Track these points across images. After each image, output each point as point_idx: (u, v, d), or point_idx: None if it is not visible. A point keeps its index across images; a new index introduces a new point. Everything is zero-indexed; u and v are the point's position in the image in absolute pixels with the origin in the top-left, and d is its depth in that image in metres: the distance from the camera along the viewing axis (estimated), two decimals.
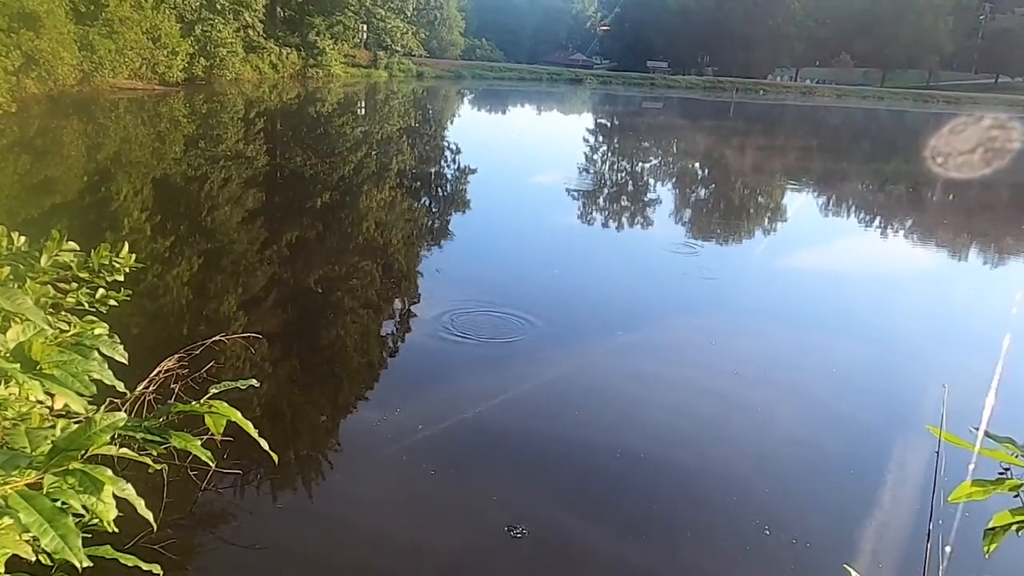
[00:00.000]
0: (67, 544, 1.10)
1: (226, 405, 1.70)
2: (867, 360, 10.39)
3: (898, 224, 22.08)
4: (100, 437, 1.26)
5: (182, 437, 1.62)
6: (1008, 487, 1.34)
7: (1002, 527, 1.37)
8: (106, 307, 3.07)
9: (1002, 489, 1.34)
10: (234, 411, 1.69)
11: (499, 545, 5.84)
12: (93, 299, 3.04)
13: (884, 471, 7.26)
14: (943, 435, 1.38)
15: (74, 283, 2.99)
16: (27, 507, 1.09)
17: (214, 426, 1.69)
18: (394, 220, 17.56)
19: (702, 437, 7.88)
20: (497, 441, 7.47)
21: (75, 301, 2.97)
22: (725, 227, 19.78)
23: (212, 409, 1.68)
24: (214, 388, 1.77)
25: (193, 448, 1.64)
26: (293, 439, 7.43)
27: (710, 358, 9.96)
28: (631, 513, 6.43)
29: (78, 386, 1.40)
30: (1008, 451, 1.34)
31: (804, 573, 5.69)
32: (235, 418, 1.69)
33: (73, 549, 1.10)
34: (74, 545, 1.10)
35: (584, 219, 19.54)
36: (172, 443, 1.60)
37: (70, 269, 2.96)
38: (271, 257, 13.50)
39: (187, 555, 5.34)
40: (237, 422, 1.70)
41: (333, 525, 6.09)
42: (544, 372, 8.91)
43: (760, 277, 14.99)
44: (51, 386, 1.36)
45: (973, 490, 1.36)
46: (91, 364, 1.47)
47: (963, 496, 1.40)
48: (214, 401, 1.69)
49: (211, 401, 1.69)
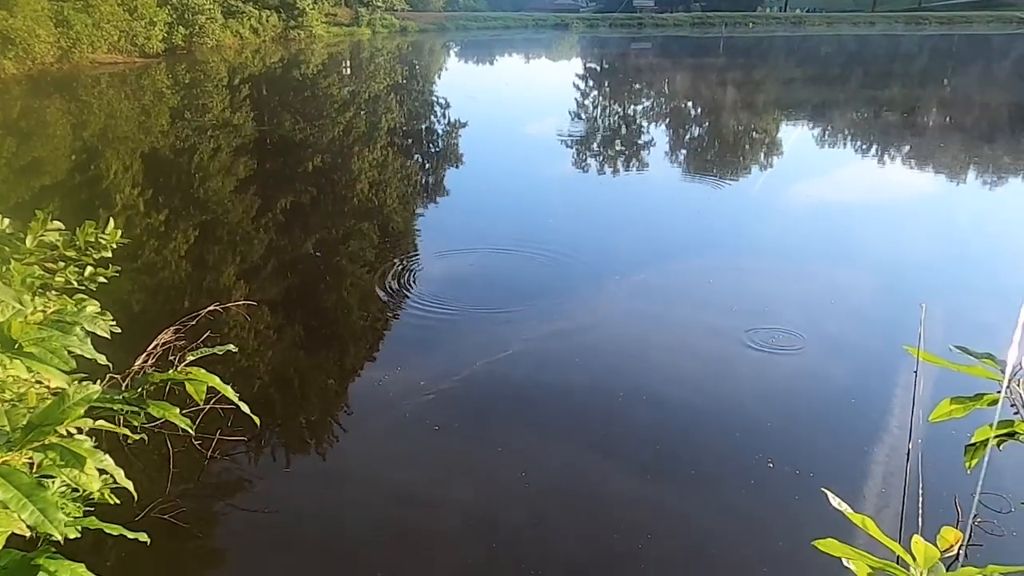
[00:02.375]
0: (47, 517, 1.12)
1: (204, 371, 1.71)
2: (868, 288, 10.40)
3: (895, 151, 21.91)
4: (74, 411, 1.27)
5: (159, 406, 1.63)
6: (987, 402, 1.34)
7: (982, 442, 1.38)
8: (95, 284, 3.06)
9: (981, 405, 1.35)
10: (212, 377, 1.70)
11: (514, 494, 5.93)
12: (82, 277, 3.03)
13: (887, 398, 7.32)
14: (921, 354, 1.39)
15: (62, 262, 2.98)
16: (4, 483, 1.10)
17: (195, 393, 1.70)
18: (388, 179, 17.46)
19: (704, 375, 7.93)
20: (501, 392, 7.53)
21: (64, 280, 2.96)
22: (720, 165, 19.65)
23: (190, 376, 1.68)
24: (191, 355, 1.77)
25: (171, 416, 1.65)
26: (301, 402, 7.50)
27: (709, 296, 9.97)
28: (638, 454, 6.51)
29: (57, 362, 1.40)
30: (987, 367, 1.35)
31: (807, 503, 5.77)
32: (214, 383, 1.69)
33: (53, 522, 1.12)
34: (54, 518, 1.11)
35: (578, 166, 19.42)
36: (151, 412, 1.61)
37: (56, 249, 2.95)
38: (267, 225, 13.46)
39: (197, 523, 5.43)
40: (217, 387, 1.70)
41: (345, 485, 6.17)
42: (543, 323, 8.94)
43: (758, 212, 14.93)
44: (31, 363, 1.37)
45: (953, 408, 1.37)
46: (70, 340, 1.47)
47: (943, 415, 1.41)
48: (192, 368, 1.69)
49: (189, 368, 1.68)
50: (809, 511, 5.69)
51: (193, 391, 1.69)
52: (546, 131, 23.49)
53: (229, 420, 5.99)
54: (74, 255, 2.96)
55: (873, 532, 1.15)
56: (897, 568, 1.14)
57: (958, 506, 5.49)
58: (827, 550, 1.17)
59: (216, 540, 5.48)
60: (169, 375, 1.70)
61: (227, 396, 1.75)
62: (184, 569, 5.23)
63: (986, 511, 5.58)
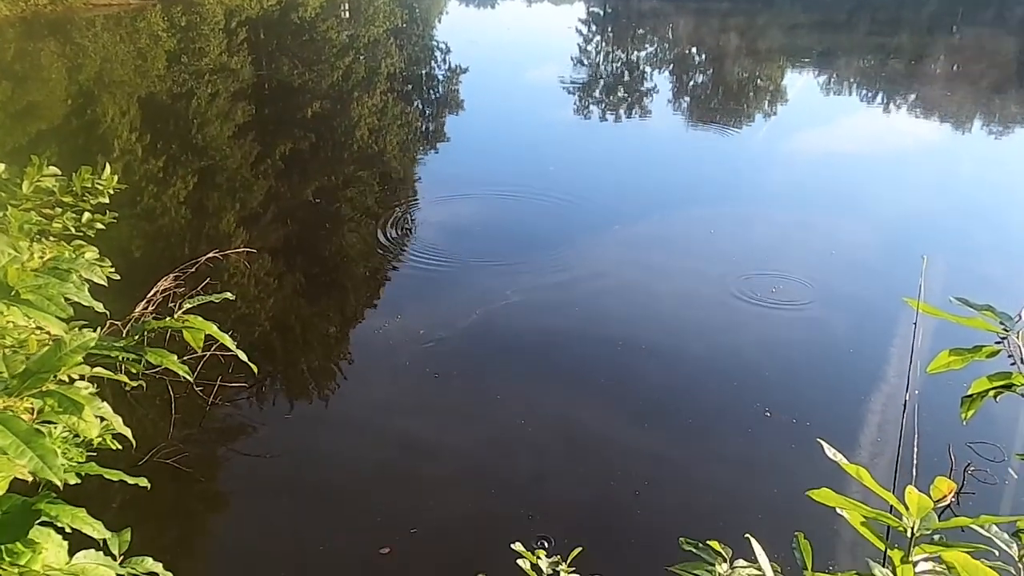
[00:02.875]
0: (46, 463, 1.13)
1: (200, 319, 1.69)
2: (869, 240, 10.37)
3: (900, 100, 21.64)
4: (71, 358, 1.27)
5: (157, 353, 1.62)
6: (986, 354, 1.34)
7: (979, 394, 1.39)
8: (94, 231, 3.04)
9: (980, 356, 1.35)
10: (209, 324, 1.69)
11: (513, 441, 6.00)
12: (79, 223, 3.01)
13: (885, 348, 7.35)
14: (920, 306, 1.38)
15: (59, 208, 2.96)
16: (2, 430, 1.11)
17: (193, 340, 1.68)
18: (387, 126, 17.28)
19: (702, 324, 7.95)
20: (500, 340, 7.56)
21: (62, 227, 2.94)
22: (724, 113, 19.43)
23: (187, 323, 1.67)
24: (187, 303, 1.76)
25: (169, 363, 1.64)
26: (302, 349, 7.54)
27: (710, 245, 9.95)
28: (637, 402, 6.56)
29: (54, 309, 1.40)
30: (987, 319, 1.35)
31: (803, 451, 5.83)
32: (211, 331, 1.68)
33: (52, 468, 1.13)
34: (52, 464, 1.12)
35: (580, 113, 19.21)
36: (147, 359, 1.60)
37: (53, 194, 2.92)
38: (266, 171, 13.36)
39: (200, 467, 5.50)
40: (215, 335, 1.69)
41: (346, 430, 6.24)
42: (543, 271, 8.94)
43: (761, 162, 14.81)
44: (27, 310, 1.36)
45: (951, 359, 1.37)
46: (67, 287, 1.46)
47: (941, 366, 1.41)
48: (189, 316, 1.68)
49: (186, 316, 1.67)
50: (804, 460, 5.76)
51: (191, 338, 1.69)
52: (548, 77, 23.17)
53: (230, 367, 6.02)
54: (71, 201, 2.93)
55: (867, 482, 1.16)
56: (890, 518, 1.16)
57: (952, 456, 5.56)
58: (821, 500, 1.17)
59: (218, 484, 5.56)
60: (166, 323, 1.68)
61: (225, 343, 1.75)
62: (188, 512, 5.32)
63: (980, 460, 5.65)
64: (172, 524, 5.12)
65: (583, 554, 2.36)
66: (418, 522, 5.11)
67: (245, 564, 4.90)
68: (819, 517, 5.03)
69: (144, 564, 1.65)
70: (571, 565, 2.14)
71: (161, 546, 4.69)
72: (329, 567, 4.81)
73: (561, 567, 2.11)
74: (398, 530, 5.02)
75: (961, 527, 1.25)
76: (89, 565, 1.38)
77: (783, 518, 5.23)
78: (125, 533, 1.64)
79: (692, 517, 5.34)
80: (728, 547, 1.74)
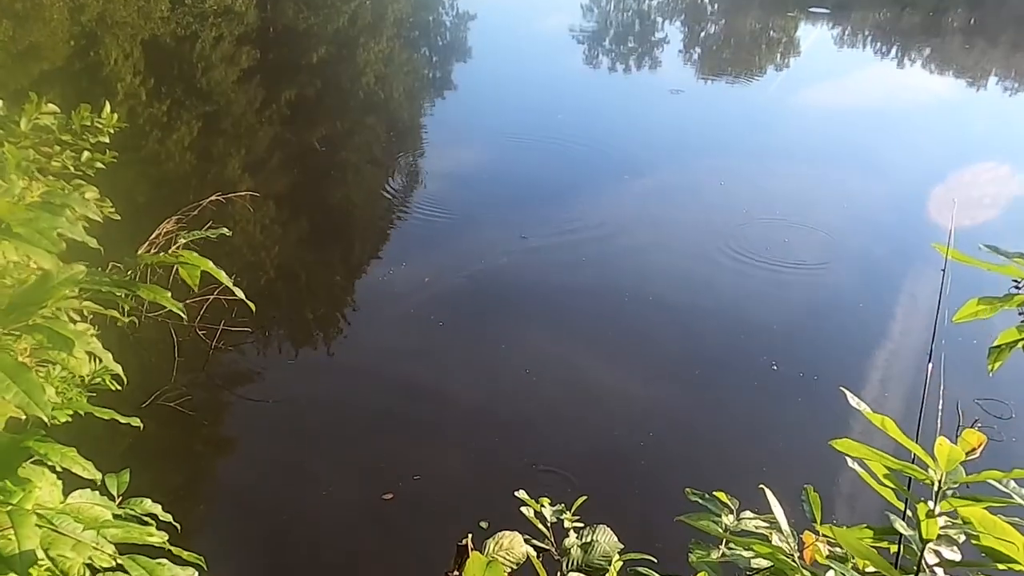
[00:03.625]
0: (32, 399, 1.09)
1: (196, 255, 1.64)
2: (880, 194, 10.25)
3: (915, 54, 21.23)
4: (59, 290, 1.22)
5: (151, 289, 1.57)
6: (1016, 303, 1.29)
7: (1008, 344, 1.34)
8: (93, 170, 2.98)
9: (1010, 305, 1.29)
10: (205, 260, 1.64)
11: (517, 389, 6.00)
12: (79, 162, 2.95)
13: (893, 303, 7.30)
14: (949, 252, 1.32)
15: (58, 147, 2.90)
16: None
17: (188, 277, 1.63)
18: (394, 73, 17.04)
19: (712, 278, 7.88)
20: (506, 289, 7.51)
21: (61, 165, 2.88)
22: (735, 64, 19.10)
23: (182, 259, 1.61)
24: (183, 238, 1.71)
25: (162, 299, 1.59)
26: (307, 296, 7.52)
27: (719, 198, 9.84)
28: (643, 353, 6.54)
29: (45, 243, 1.34)
30: (1018, 266, 1.29)
31: (811, 405, 5.82)
32: (207, 267, 1.63)
33: (39, 403, 1.09)
34: (39, 400, 1.09)
35: (589, 63, 18.89)
36: (140, 294, 1.55)
37: (52, 132, 2.85)
38: (271, 117, 13.20)
39: (203, 411, 5.48)
40: (211, 272, 1.64)
41: (350, 376, 6.23)
42: (551, 222, 8.85)
43: (772, 115, 14.59)
44: (18, 244, 1.31)
45: (979, 308, 1.32)
46: (59, 221, 1.41)
47: (969, 315, 1.36)
48: (184, 252, 1.62)
49: (180, 252, 1.62)
50: (810, 413, 5.76)
51: (187, 275, 1.63)
52: (557, 26, 22.75)
53: (233, 312, 5.99)
54: (70, 139, 2.87)
55: (892, 431, 1.11)
56: (916, 469, 1.11)
57: (960, 412, 5.54)
58: (844, 450, 1.13)
59: (221, 427, 5.56)
60: (160, 258, 1.63)
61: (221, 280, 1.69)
62: (190, 455, 5.33)
63: (987, 417, 5.62)
64: (174, 467, 5.12)
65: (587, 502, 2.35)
66: (420, 469, 5.13)
67: (247, 508, 4.92)
68: (823, 470, 5.05)
69: (143, 505, 1.62)
70: (575, 514, 2.11)
71: (163, 489, 4.68)
72: (331, 511, 4.83)
73: (565, 516, 2.08)
74: (400, 476, 5.03)
75: (986, 481, 1.21)
76: (84, 505, 1.35)
77: (786, 470, 5.23)
78: (124, 474, 1.61)
79: (696, 468, 5.35)
80: (734, 498, 1.71)
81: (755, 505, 1.76)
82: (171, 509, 1.72)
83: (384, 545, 4.71)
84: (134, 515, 1.59)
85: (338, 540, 4.70)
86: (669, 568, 1.83)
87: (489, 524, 4.39)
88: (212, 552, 3.90)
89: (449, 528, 3.94)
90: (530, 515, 2.08)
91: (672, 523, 1.83)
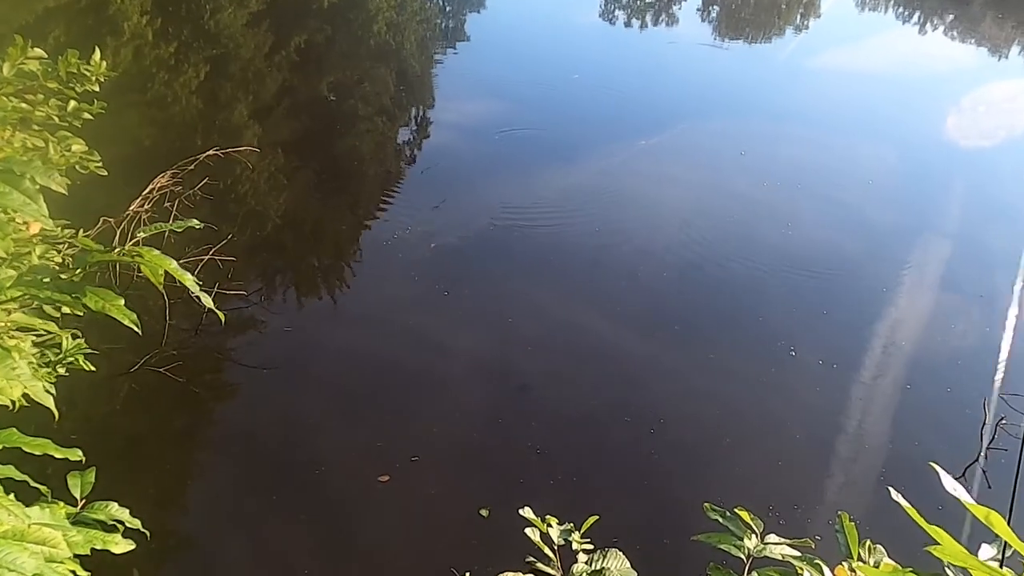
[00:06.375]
0: None
1: (157, 253, 1.41)
2: (898, 166, 10.05)
3: (937, 19, 20.73)
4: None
5: (99, 294, 1.37)
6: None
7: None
8: (80, 121, 2.81)
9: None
10: (167, 260, 1.43)
11: (523, 344, 5.90)
12: (64, 112, 2.78)
13: (916, 289, 7.15)
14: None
15: (42, 95, 2.72)
16: None
17: (152, 275, 1.44)
18: (406, 21, 16.66)
19: (727, 248, 7.70)
20: (514, 247, 7.38)
21: (45, 115, 2.71)
22: (754, 25, 18.67)
23: (137, 257, 1.42)
24: (142, 232, 1.53)
25: (113, 310, 1.36)
26: (312, 247, 7.37)
27: (734, 162, 9.65)
28: (655, 330, 6.40)
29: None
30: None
31: (828, 394, 5.71)
32: (169, 268, 1.43)
33: None
34: None
35: (605, 17, 18.47)
36: (87, 304, 1.37)
37: (37, 79, 2.67)
38: (280, 63, 12.93)
39: (193, 377, 5.21)
40: (174, 274, 1.46)
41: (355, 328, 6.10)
42: (563, 182, 8.68)
43: (788, 77, 14.29)
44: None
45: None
46: (12, 198, 1.24)
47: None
48: (143, 249, 1.43)
49: (139, 249, 1.42)
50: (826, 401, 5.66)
51: (150, 274, 1.44)
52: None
53: (229, 272, 5.83)
54: (56, 87, 2.69)
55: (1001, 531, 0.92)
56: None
57: (986, 408, 5.44)
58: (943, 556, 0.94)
59: (211, 395, 5.26)
60: (113, 256, 1.41)
61: (186, 283, 1.49)
62: (178, 424, 5.09)
63: (1013, 414, 5.50)
64: (161, 437, 4.88)
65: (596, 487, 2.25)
66: (418, 448, 4.93)
67: (236, 483, 4.67)
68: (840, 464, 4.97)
69: (108, 510, 1.49)
70: (584, 536, 1.96)
71: (149, 460, 4.56)
72: (324, 492, 4.61)
73: (573, 537, 1.94)
74: (400, 459, 4.85)
75: None
76: (32, 527, 1.19)
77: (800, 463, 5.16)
78: (89, 474, 1.46)
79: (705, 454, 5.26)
80: (758, 519, 1.59)
81: (779, 523, 1.64)
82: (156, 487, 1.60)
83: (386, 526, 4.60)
84: (99, 520, 1.45)
85: (338, 520, 4.53)
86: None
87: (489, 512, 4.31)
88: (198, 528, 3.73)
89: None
90: (535, 538, 1.93)
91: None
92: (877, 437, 5.37)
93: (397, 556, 4.27)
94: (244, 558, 4.19)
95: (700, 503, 1.78)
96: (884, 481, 4.89)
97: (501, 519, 4.29)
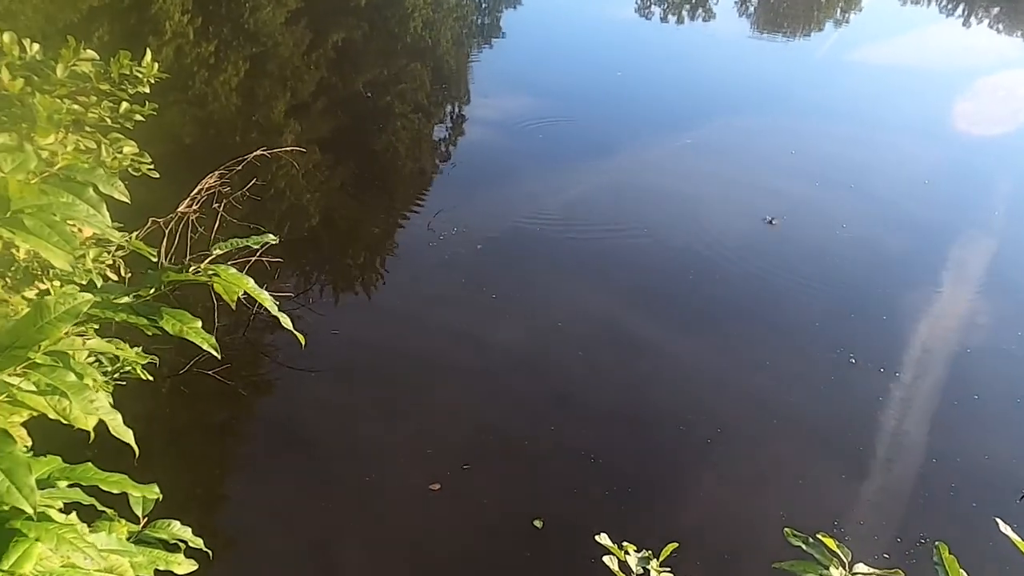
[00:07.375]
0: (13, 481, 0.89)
1: (234, 272, 1.37)
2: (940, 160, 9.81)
3: (983, 12, 20.18)
4: (54, 328, 1.01)
5: (175, 316, 1.32)
6: None
7: None
8: (132, 123, 2.77)
9: None
10: (244, 279, 1.37)
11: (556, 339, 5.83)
12: (116, 114, 2.73)
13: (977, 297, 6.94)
14: None
15: (95, 97, 2.68)
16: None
17: (226, 294, 1.38)
18: (442, 18, 16.62)
19: (757, 244, 7.51)
20: (548, 244, 7.30)
21: (97, 117, 2.67)
22: (792, 18, 18.34)
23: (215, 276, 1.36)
24: (217, 249, 1.46)
25: (191, 334, 1.32)
26: (350, 247, 7.34)
27: (773, 159, 9.47)
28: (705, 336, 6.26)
29: (56, 239, 1.13)
30: None
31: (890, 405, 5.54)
32: (246, 288, 1.38)
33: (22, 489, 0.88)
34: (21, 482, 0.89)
35: (641, 12, 18.26)
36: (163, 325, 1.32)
37: (89, 81, 2.63)
38: (317, 61, 12.96)
39: (241, 380, 5.21)
40: (251, 293, 1.40)
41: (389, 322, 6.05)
42: (597, 178, 8.57)
43: (826, 73, 14.00)
44: (24, 237, 1.11)
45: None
46: (76, 209, 1.20)
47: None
48: (218, 267, 1.37)
49: (213, 267, 1.37)
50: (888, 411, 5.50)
51: (224, 292, 1.38)
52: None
53: (276, 274, 5.81)
54: (108, 89, 2.66)
55: None
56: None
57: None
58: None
59: (260, 397, 5.23)
60: (190, 276, 1.37)
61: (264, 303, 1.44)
62: (226, 428, 5.08)
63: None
64: (210, 441, 4.90)
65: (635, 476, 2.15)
66: (470, 456, 4.87)
67: (288, 487, 4.61)
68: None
69: (170, 529, 1.43)
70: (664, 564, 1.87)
71: (197, 465, 4.53)
72: (377, 499, 4.56)
73: (652, 564, 1.86)
74: (448, 465, 4.77)
75: None
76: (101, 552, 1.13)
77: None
78: (151, 489, 1.41)
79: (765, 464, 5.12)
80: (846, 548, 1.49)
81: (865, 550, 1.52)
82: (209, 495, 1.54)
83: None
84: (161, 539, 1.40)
85: (386, 522, 4.47)
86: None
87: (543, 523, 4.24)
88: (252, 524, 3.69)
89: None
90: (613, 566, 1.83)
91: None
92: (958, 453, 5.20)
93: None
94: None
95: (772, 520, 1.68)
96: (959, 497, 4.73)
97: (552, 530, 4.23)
